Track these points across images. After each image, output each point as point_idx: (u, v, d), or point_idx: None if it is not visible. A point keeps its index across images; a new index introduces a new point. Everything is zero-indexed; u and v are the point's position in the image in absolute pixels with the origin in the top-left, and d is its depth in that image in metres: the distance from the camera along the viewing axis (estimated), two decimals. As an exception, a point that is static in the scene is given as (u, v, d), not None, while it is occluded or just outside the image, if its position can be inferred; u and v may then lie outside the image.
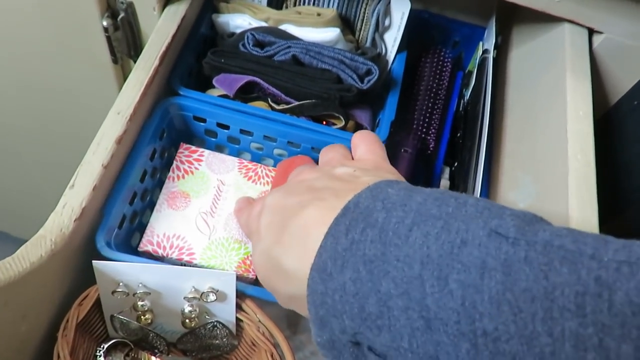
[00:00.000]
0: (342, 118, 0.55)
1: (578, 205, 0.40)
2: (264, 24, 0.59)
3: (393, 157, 0.62)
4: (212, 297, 0.45)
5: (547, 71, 0.50)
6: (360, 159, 0.41)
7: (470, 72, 0.65)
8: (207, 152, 0.56)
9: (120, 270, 0.44)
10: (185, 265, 0.50)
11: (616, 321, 0.21)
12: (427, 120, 0.64)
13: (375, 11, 0.58)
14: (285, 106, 0.55)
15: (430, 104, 0.65)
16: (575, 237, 0.24)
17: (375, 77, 0.54)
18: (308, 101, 0.54)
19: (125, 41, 0.58)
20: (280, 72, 0.55)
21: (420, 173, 0.63)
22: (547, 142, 0.46)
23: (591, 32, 0.49)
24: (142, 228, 0.52)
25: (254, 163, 0.57)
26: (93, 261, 0.43)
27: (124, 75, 0.63)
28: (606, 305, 0.21)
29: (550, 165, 0.45)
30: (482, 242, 0.24)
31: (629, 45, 0.48)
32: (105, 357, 0.46)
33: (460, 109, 0.66)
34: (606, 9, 0.46)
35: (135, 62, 0.61)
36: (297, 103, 0.55)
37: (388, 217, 0.27)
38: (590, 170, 0.42)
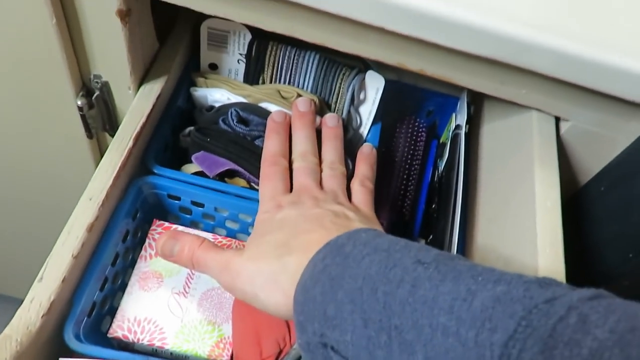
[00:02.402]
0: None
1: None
2: (242, 99, 0.60)
3: (369, 228, 0.62)
4: (183, 390, 0.44)
5: (516, 157, 0.51)
6: (358, 208, 0.50)
7: (444, 144, 0.66)
8: (180, 228, 0.56)
9: (87, 366, 0.43)
10: (157, 351, 0.49)
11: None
12: (402, 191, 0.65)
13: (351, 86, 0.59)
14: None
15: (405, 175, 0.66)
16: (472, 266, 0.33)
17: (349, 170, 0.55)
18: None
19: (100, 118, 0.58)
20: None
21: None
22: (517, 231, 0.47)
23: (558, 118, 0.51)
24: (113, 312, 0.51)
25: (229, 238, 0.57)
26: (60, 359, 0.42)
27: (99, 149, 0.63)
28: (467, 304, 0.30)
29: (520, 256, 0.45)
30: (406, 266, 0.33)
31: (595, 132, 0.50)
32: None
33: (435, 179, 0.66)
34: (571, 100, 0.47)
35: (111, 135, 0.61)
36: None
37: (353, 250, 0.36)
38: (559, 264, 0.42)
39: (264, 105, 0.58)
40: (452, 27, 0.42)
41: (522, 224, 0.46)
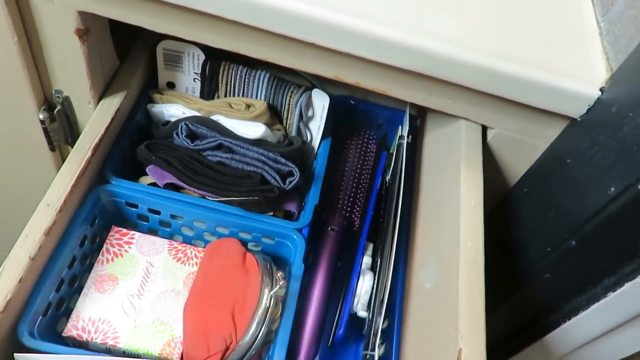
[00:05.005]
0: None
1: (467, 290, 0.44)
2: (196, 113, 0.64)
3: (321, 235, 0.66)
4: (133, 383, 0.47)
5: (447, 161, 0.55)
6: None
7: (392, 154, 0.70)
8: (137, 234, 0.59)
9: (41, 362, 0.45)
10: (109, 349, 0.52)
11: None
12: (352, 199, 0.69)
13: (298, 103, 0.63)
14: (214, 198, 0.59)
15: (355, 184, 0.70)
16: None
17: (296, 179, 0.58)
18: (234, 199, 0.57)
19: (62, 131, 0.61)
20: (207, 175, 0.58)
21: (346, 249, 0.66)
22: (445, 228, 0.51)
23: (485, 127, 0.55)
24: (69, 313, 0.53)
25: (184, 244, 0.60)
26: (15, 354, 0.44)
27: (62, 160, 0.66)
28: None
29: (447, 250, 0.49)
30: None
31: (517, 139, 0.54)
32: None
33: (383, 187, 0.70)
34: (494, 110, 0.52)
35: (72, 147, 0.64)
36: (224, 199, 0.58)
37: None
38: (479, 257, 0.46)
39: (215, 117, 0.62)
40: (380, 44, 0.46)
41: (449, 221, 0.50)
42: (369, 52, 0.47)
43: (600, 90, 0.46)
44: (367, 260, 0.64)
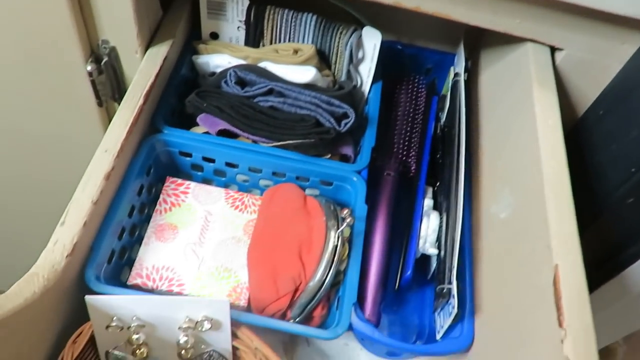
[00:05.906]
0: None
1: (556, 207, 0.41)
2: (242, 62, 0.62)
3: (377, 181, 0.64)
4: (206, 325, 0.45)
5: (515, 87, 0.52)
6: None
7: (445, 96, 0.68)
8: (193, 184, 0.58)
9: (113, 304, 0.44)
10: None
11: None
12: (406, 144, 0.66)
13: (348, 44, 0.61)
14: (268, 143, 0.57)
15: (408, 129, 0.67)
16: None
17: (352, 120, 0.56)
18: (290, 142, 0.55)
19: (109, 84, 0.60)
20: (260, 120, 0.56)
21: (404, 194, 0.64)
22: (521, 153, 0.48)
23: (553, 49, 0.52)
24: (131, 263, 0.52)
25: (241, 193, 0.58)
26: (86, 296, 0.43)
27: (108, 117, 0.64)
28: None
29: (526, 175, 0.46)
30: None
31: (589, 60, 0.51)
32: (100, 395, 0.46)
33: (438, 131, 0.68)
34: (563, 27, 0.49)
35: (119, 104, 0.63)
36: (279, 143, 0.56)
37: None
38: (564, 175, 0.43)
39: (262, 64, 0.60)
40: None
41: (525, 145, 0.47)
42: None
43: (688, -11, 0.43)
44: (428, 202, 0.61)
